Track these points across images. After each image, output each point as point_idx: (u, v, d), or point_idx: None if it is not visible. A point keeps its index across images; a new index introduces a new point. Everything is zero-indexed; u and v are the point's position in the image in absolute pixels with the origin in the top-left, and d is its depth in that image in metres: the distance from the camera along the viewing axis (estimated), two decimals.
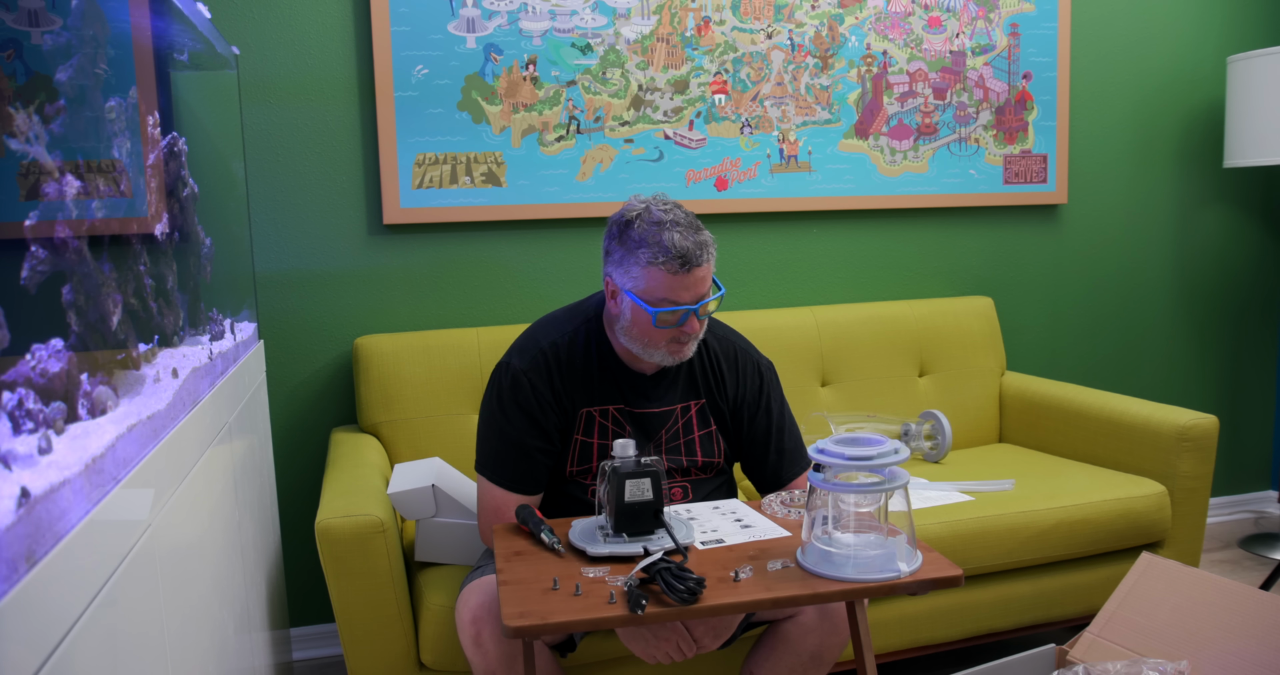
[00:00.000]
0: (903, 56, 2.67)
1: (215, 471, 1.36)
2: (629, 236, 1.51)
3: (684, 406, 1.66)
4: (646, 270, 1.49)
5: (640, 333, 1.54)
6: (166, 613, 1.00)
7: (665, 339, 1.54)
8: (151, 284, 1.20)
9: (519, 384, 1.59)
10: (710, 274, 1.54)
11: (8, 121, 0.83)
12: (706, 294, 1.53)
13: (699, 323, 1.54)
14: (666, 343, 1.54)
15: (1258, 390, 3.23)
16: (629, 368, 1.63)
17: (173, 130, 1.45)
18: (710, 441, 1.67)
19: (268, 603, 1.79)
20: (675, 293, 1.49)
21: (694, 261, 1.48)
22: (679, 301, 1.50)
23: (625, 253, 1.52)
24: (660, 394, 1.65)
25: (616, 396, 1.63)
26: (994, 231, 2.85)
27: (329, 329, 2.34)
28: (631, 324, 1.55)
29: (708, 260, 1.51)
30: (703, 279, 1.51)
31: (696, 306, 1.51)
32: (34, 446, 0.77)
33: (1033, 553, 2.04)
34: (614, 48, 2.44)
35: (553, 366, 1.60)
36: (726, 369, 1.69)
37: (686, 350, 1.57)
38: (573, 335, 1.63)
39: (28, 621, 0.65)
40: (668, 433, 1.65)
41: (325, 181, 2.31)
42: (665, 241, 1.47)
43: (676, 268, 1.48)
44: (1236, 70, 2.79)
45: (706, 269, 1.52)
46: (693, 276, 1.49)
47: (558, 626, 1.18)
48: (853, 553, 1.28)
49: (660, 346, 1.55)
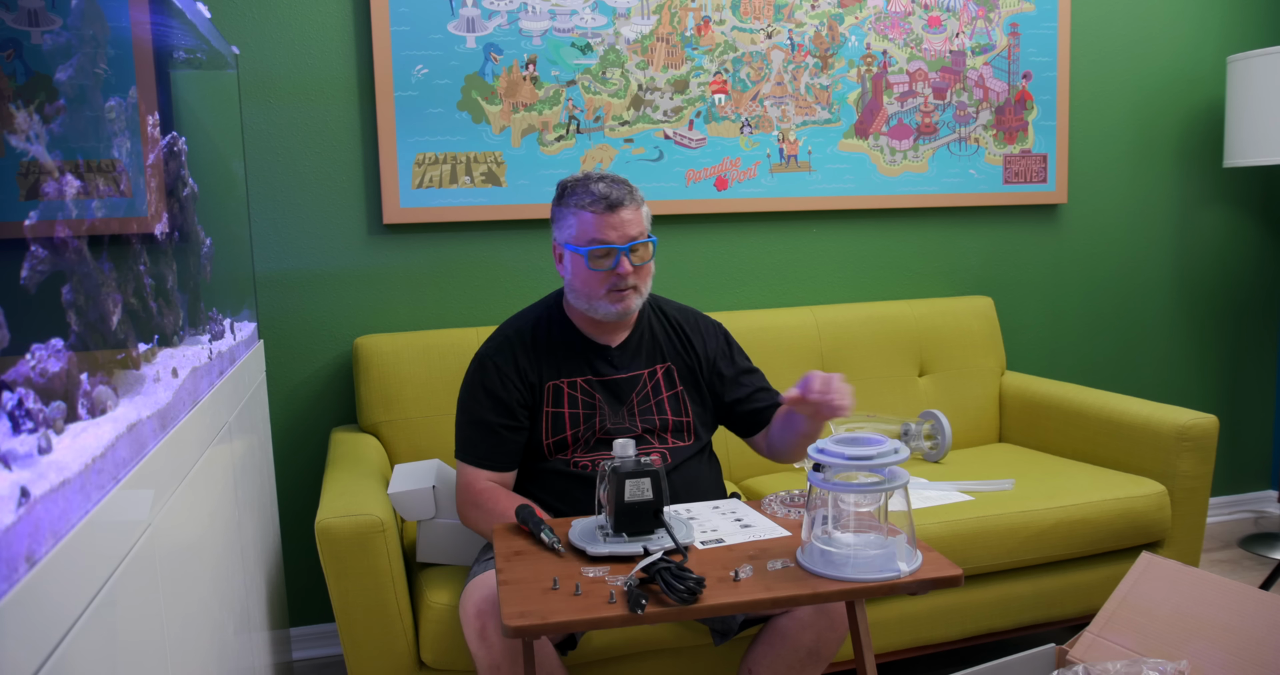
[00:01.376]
0: (903, 56, 2.67)
1: (215, 471, 1.36)
2: (563, 195, 1.67)
3: (650, 370, 1.76)
4: (576, 216, 1.63)
5: (581, 285, 1.65)
6: (166, 613, 1.00)
7: (603, 287, 1.64)
8: (151, 284, 1.20)
9: (484, 367, 1.71)
10: (639, 221, 1.65)
11: (8, 121, 0.83)
12: (637, 237, 1.64)
13: (631, 267, 1.63)
14: (606, 292, 1.64)
15: (1258, 390, 3.23)
16: (594, 341, 1.74)
17: (173, 130, 1.44)
18: (678, 402, 1.76)
19: (268, 603, 1.79)
20: (604, 231, 1.61)
21: (618, 201, 1.61)
22: (608, 240, 1.61)
23: (560, 209, 1.67)
24: (626, 362, 1.74)
25: (584, 368, 1.72)
26: (994, 231, 2.85)
27: (329, 329, 2.34)
28: (573, 277, 1.67)
29: (633, 204, 1.64)
30: (629, 221, 1.63)
31: (626, 247, 1.62)
32: (34, 446, 0.77)
33: (1032, 552, 2.04)
34: (614, 47, 2.44)
35: (516, 347, 1.72)
36: (690, 331, 1.81)
37: (629, 300, 1.66)
38: (535, 319, 1.76)
39: (28, 621, 0.65)
40: (638, 397, 1.73)
41: (325, 181, 2.31)
42: (592, 188, 1.63)
43: (601, 209, 1.61)
44: (1236, 70, 2.79)
45: (634, 212, 1.64)
46: (618, 217, 1.61)
47: (558, 626, 1.18)
48: (853, 553, 1.28)
49: (601, 295, 1.65)
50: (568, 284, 1.70)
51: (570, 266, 1.67)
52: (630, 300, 1.66)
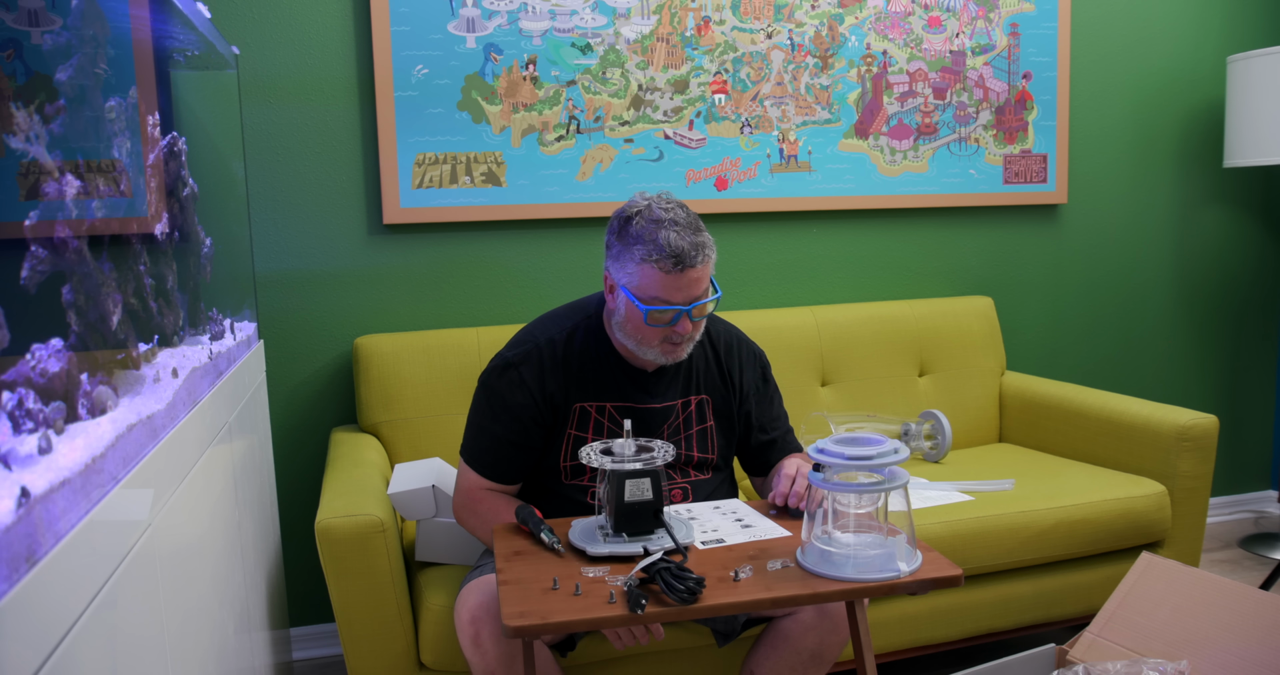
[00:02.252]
0: (903, 56, 2.67)
1: (215, 471, 1.36)
2: (627, 232, 1.50)
3: (684, 402, 1.67)
4: (641, 267, 1.48)
5: (634, 330, 1.54)
6: (166, 613, 1.00)
7: (658, 338, 1.53)
8: (151, 284, 1.20)
9: (509, 377, 1.60)
10: (707, 276, 1.52)
11: (8, 121, 0.83)
12: (701, 296, 1.51)
13: (691, 324, 1.52)
14: (660, 342, 1.54)
15: (1258, 390, 3.23)
16: (629, 364, 1.63)
17: (173, 130, 1.44)
18: (706, 437, 1.68)
19: (268, 603, 1.79)
20: (668, 292, 1.48)
21: (688, 262, 1.47)
22: (671, 301, 1.49)
23: (623, 248, 1.51)
24: (662, 390, 1.65)
25: (615, 393, 1.62)
26: (994, 231, 2.85)
27: (329, 329, 2.34)
28: (625, 320, 1.54)
29: (703, 262, 1.49)
30: (697, 280, 1.49)
31: (689, 308, 1.49)
32: (34, 446, 0.77)
33: (1033, 553, 2.04)
34: (614, 47, 2.44)
35: (545, 362, 1.60)
36: (728, 362, 1.70)
37: (680, 351, 1.56)
38: (570, 332, 1.63)
39: (28, 621, 0.65)
40: (669, 428, 1.65)
41: (325, 181, 2.31)
42: (661, 240, 1.46)
43: (670, 267, 1.46)
44: (1236, 70, 2.79)
45: (702, 271, 1.50)
46: (686, 277, 1.48)
47: (557, 626, 1.18)
48: (852, 553, 1.28)
49: (654, 345, 1.54)
50: (617, 320, 1.57)
51: (623, 308, 1.53)
52: (683, 351, 1.56)
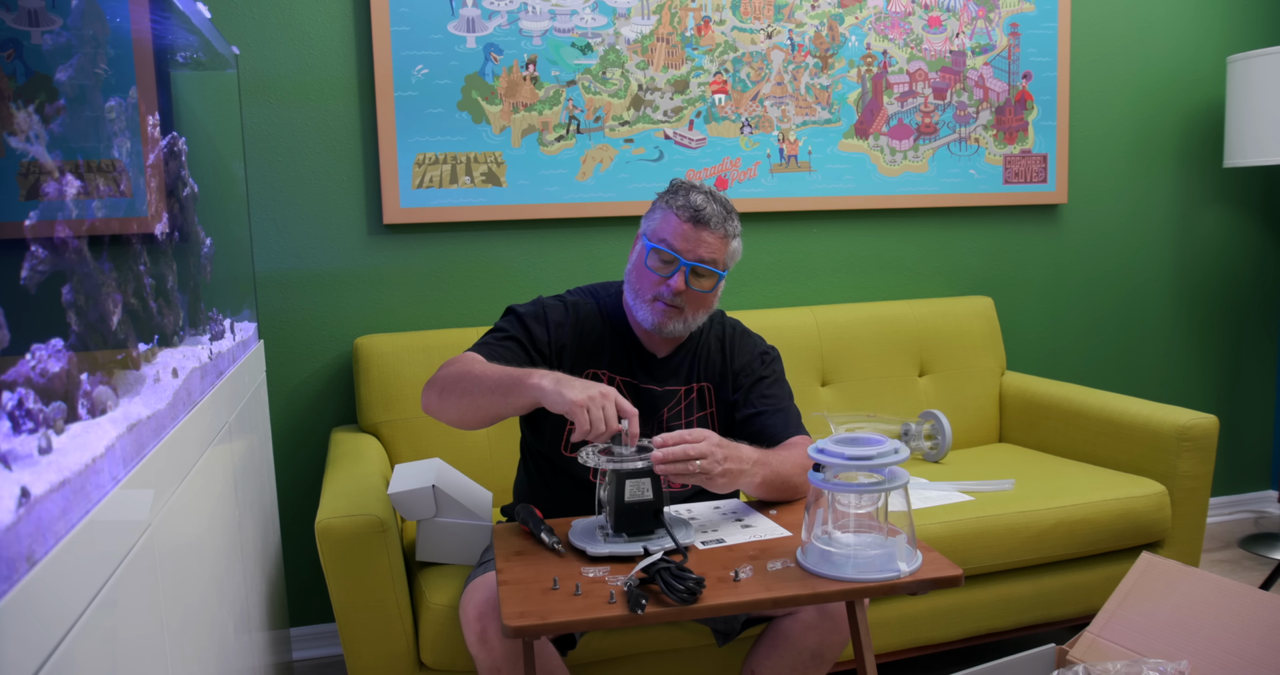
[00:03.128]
0: (903, 56, 2.67)
1: (215, 471, 1.36)
2: (669, 190, 1.63)
3: (688, 388, 1.70)
4: (664, 213, 1.60)
5: (636, 276, 1.62)
6: (166, 613, 1.00)
7: (652, 291, 1.59)
8: (151, 284, 1.20)
9: (533, 310, 1.66)
10: (719, 248, 1.58)
11: (8, 121, 0.83)
12: (706, 261, 1.57)
13: (686, 287, 1.57)
14: (652, 298, 1.59)
15: (1258, 390, 3.23)
16: (643, 346, 1.69)
17: (173, 130, 1.44)
18: (706, 424, 1.70)
19: (268, 603, 1.79)
20: (677, 239, 1.56)
21: (705, 220, 1.56)
22: (676, 248, 1.56)
23: (658, 203, 1.63)
24: (667, 376, 1.69)
25: (625, 369, 1.67)
26: (994, 231, 2.85)
27: (329, 329, 2.34)
28: (633, 267, 1.63)
29: (720, 230, 1.58)
30: (708, 243, 1.57)
31: (689, 264, 1.56)
32: (34, 446, 0.77)
33: (1033, 553, 2.04)
34: (614, 48, 2.44)
35: (570, 321, 1.66)
36: (727, 349, 1.74)
37: (669, 319, 1.59)
38: (599, 304, 1.71)
39: (28, 621, 0.65)
40: (670, 412, 1.68)
41: (325, 181, 2.31)
42: (692, 197, 1.59)
43: (687, 216, 1.56)
44: (1236, 70, 2.79)
45: (717, 238, 1.57)
46: (699, 234, 1.56)
47: (557, 626, 1.18)
48: (853, 553, 1.28)
49: (647, 299, 1.59)
50: (628, 270, 1.65)
51: (635, 254, 1.64)
52: (670, 320, 1.59)
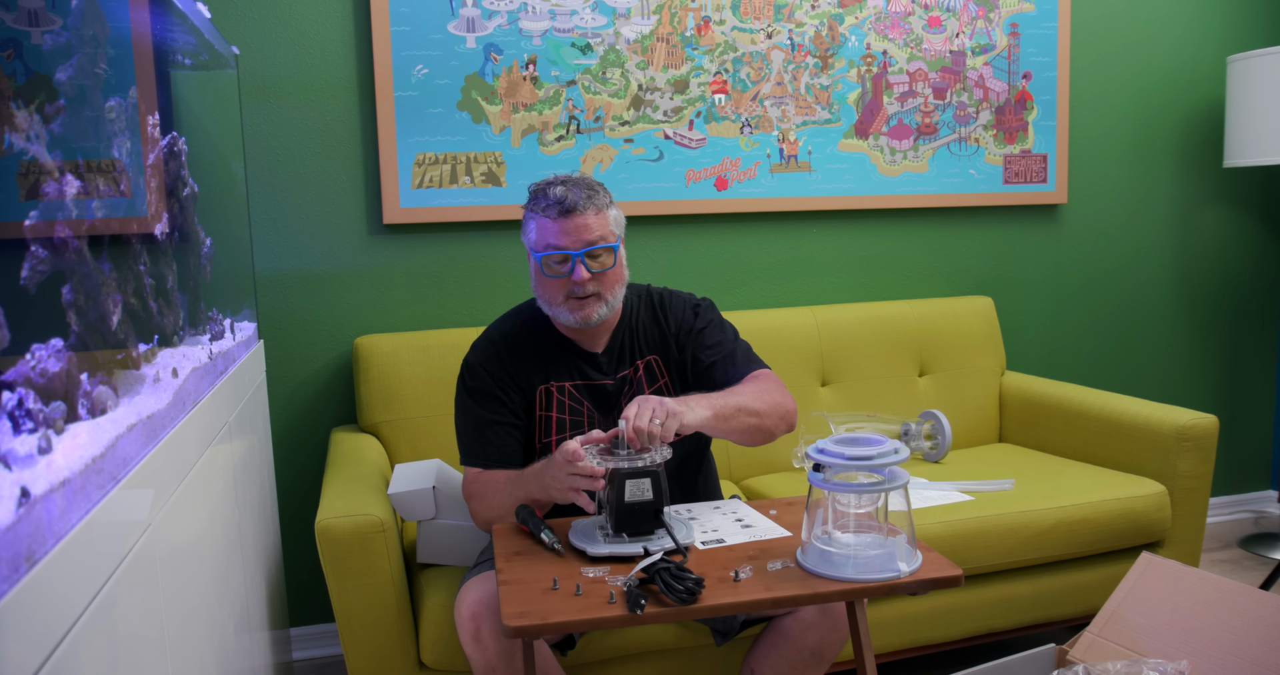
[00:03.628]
0: (903, 56, 2.67)
1: (215, 471, 1.36)
2: (529, 199, 1.61)
3: (634, 369, 1.69)
4: (535, 221, 1.58)
5: (542, 290, 1.61)
6: (166, 613, 1.00)
7: (561, 293, 1.58)
8: (151, 284, 1.20)
9: (475, 373, 1.66)
10: (600, 225, 1.57)
11: (8, 121, 0.83)
12: (596, 243, 1.56)
13: (589, 275, 1.56)
14: (565, 299, 1.58)
15: (1258, 390, 3.23)
16: (579, 346, 1.68)
17: (173, 130, 1.44)
18: (662, 393, 1.68)
19: (268, 603, 1.79)
20: (557, 237, 1.55)
21: (572, 206, 1.54)
22: (561, 246, 1.55)
23: (525, 217, 1.62)
24: (612, 366, 1.69)
25: (571, 372, 1.67)
26: (994, 231, 2.85)
27: (329, 329, 2.34)
28: (536, 284, 1.62)
29: (590, 208, 1.56)
30: (585, 226, 1.55)
31: (581, 252, 1.54)
32: (34, 446, 0.77)
33: (1033, 553, 2.04)
34: (614, 47, 2.44)
35: (503, 352, 1.66)
36: (660, 315, 1.72)
37: (590, 309, 1.59)
38: (520, 323, 1.71)
39: (28, 621, 0.65)
40: (626, 398, 1.68)
41: (325, 181, 2.31)
42: (550, 193, 1.56)
43: (555, 214, 1.54)
44: (1236, 70, 2.79)
45: (590, 218, 1.55)
46: (572, 222, 1.54)
47: (557, 626, 1.18)
48: (853, 553, 1.28)
49: (560, 302, 1.59)
50: (532, 287, 1.65)
51: (533, 272, 1.62)
52: (591, 309, 1.59)
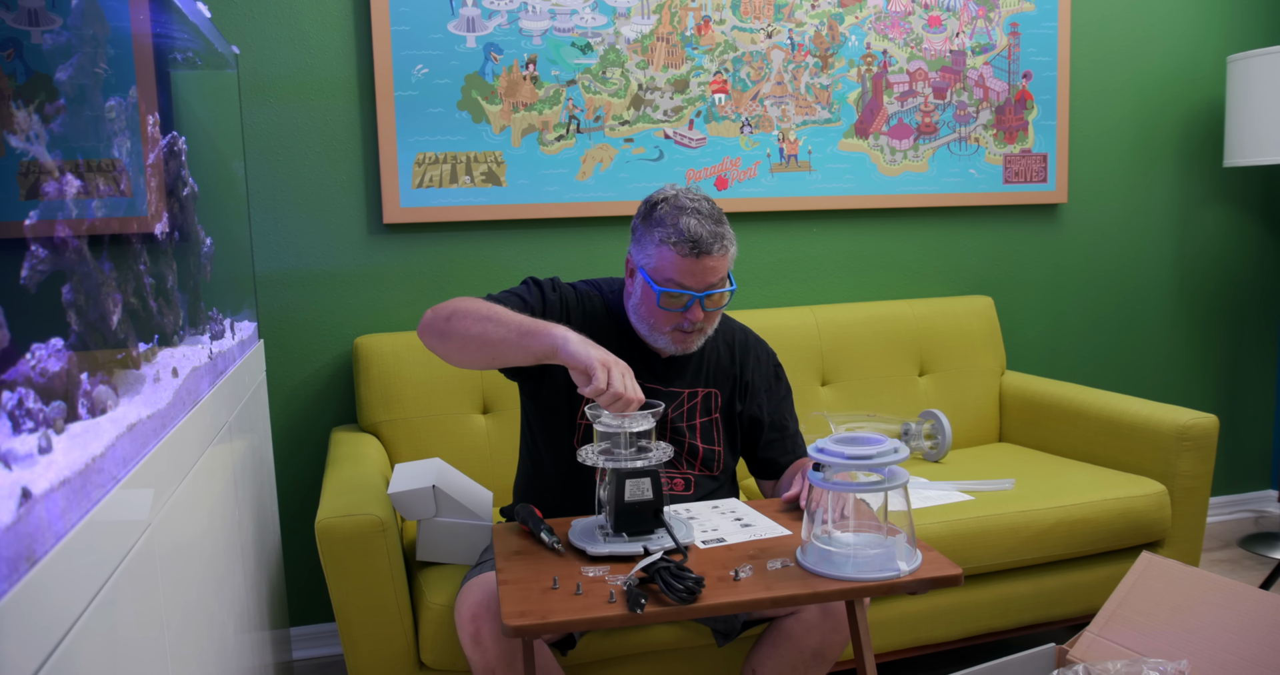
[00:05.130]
0: (903, 56, 2.67)
1: (215, 471, 1.36)
2: (652, 216, 1.55)
3: (692, 392, 1.67)
4: (659, 249, 1.52)
5: (647, 313, 1.57)
6: (166, 613, 1.00)
7: (669, 325, 1.56)
8: (151, 283, 1.20)
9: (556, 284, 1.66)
10: (724, 267, 1.54)
11: (8, 121, 0.83)
12: (717, 285, 1.54)
13: (704, 313, 1.55)
14: (671, 330, 1.56)
15: (1258, 390, 3.23)
16: (648, 346, 1.65)
17: (173, 130, 1.44)
18: (711, 430, 1.68)
19: (268, 602, 1.79)
20: (683, 276, 1.51)
21: (705, 249, 1.50)
22: (685, 285, 1.52)
23: (645, 231, 1.55)
24: (672, 377, 1.66)
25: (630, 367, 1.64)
26: (994, 231, 2.85)
27: (329, 329, 2.34)
28: (640, 303, 1.58)
29: (720, 252, 1.52)
30: (713, 269, 1.52)
31: (703, 294, 1.52)
32: (34, 446, 0.77)
33: (1033, 552, 2.04)
34: (614, 47, 2.44)
35: (579, 310, 1.64)
36: (741, 353, 1.72)
37: (691, 342, 1.58)
38: (605, 299, 1.67)
39: (28, 621, 0.65)
40: (673, 413, 1.65)
41: (325, 181, 2.31)
42: (682, 225, 1.51)
43: (687, 251, 1.50)
44: (1236, 70, 2.79)
45: (719, 261, 1.52)
46: (702, 264, 1.51)
47: (557, 626, 1.18)
48: (852, 552, 1.28)
49: (665, 332, 1.57)
50: (633, 303, 1.60)
51: (640, 292, 1.57)
52: (693, 342, 1.58)
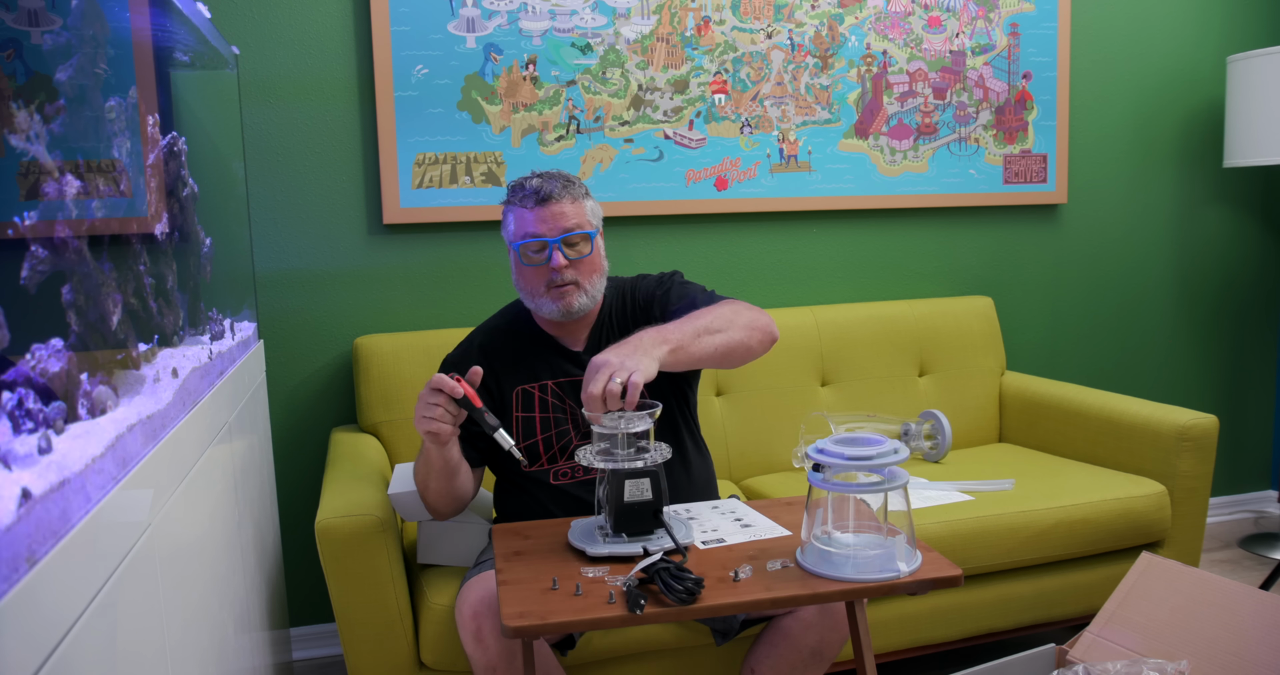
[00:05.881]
0: (903, 56, 2.67)
1: (215, 471, 1.36)
2: (506, 199, 1.66)
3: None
4: (514, 212, 1.63)
5: (523, 282, 1.65)
6: (166, 613, 1.00)
7: (542, 283, 1.62)
8: (151, 284, 1.20)
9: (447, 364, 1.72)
10: (577, 214, 1.61)
11: (8, 121, 0.83)
12: (571, 229, 1.60)
13: (566, 260, 1.60)
14: (546, 289, 1.62)
15: (1258, 390, 3.23)
16: (561, 344, 1.71)
17: (173, 130, 1.44)
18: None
19: (268, 603, 1.79)
20: (535, 225, 1.60)
21: (549, 196, 1.60)
22: (538, 234, 1.60)
23: (505, 212, 1.66)
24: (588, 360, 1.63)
25: (553, 370, 1.69)
26: (994, 231, 2.85)
27: (329, 329, 2.34)
28: (517, 276, 1.66)
29: (564, 197, 1.61)
30: (561, 214, 1.60)
31: (557, 239, 1.59)
32: (34, 446, 0.77)
33: (1033, 553, 2.04)
34: (614, 47, 2.44)
35: (478, 356, 1.69)
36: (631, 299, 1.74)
37: (571, 298, 1.62)
38: (502, 325, 1.75)
39: (28, 621, 0.65)
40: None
41: (325, 181, 2.31)
42: (526, 185, 1.63)
43: (531, 203, 1.60)
44: (1236, 70, 2.79)
45: (566, 206, 1.60)
46: (549, 210, 1.59)
47: (557, 626, 1.18)
48: (852, 553, 1.28)
49: (542, 293, 1.62)
50: (514, 282, 1.68)
51: (513, 265, 1.66)
52: (572, 298, 1.62)
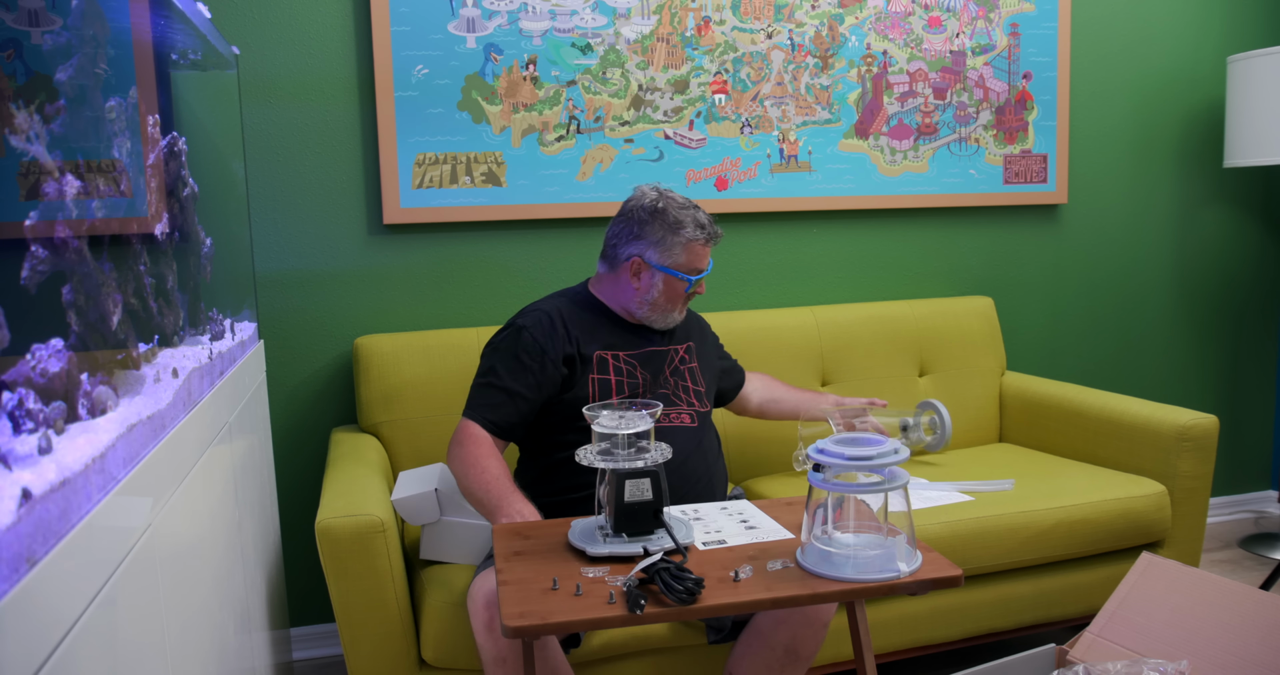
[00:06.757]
0: (903, 56, 2.67)
1: (215, 471, 1.36)
2: (666, 221, 1.78)
3: (675, 347, 1.91)
4: (688, 247, 1.79)
5: (667, 300, 1.82)
6: (166, 613, 1.00)
7: (681, 300, 1.84)
8: (151, 284, 1.20)
9: (522, 338, 1.77)
10: None
11: (8, 121, 0.83)
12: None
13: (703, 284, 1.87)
14: (681, 304, 1.85)
15: (1258, 390, 3.23)
16: (628, 322, 1.87)
17: (173, 130, 1.44)
18: (696, 374, 1.92)
19: (268, 603, 1.79)
20: (702, 261, 1.82)
21: (715, 236, 1.82)
22: (702, 269, 1.83)
23: (666, 233, 1.78)
24: (658, 339, 1.89)
25: (623, 343, 1.85)
26: (994, 231, 2.85)
27: (329, 329, 2.34)
28: (661, 294, 1.81)
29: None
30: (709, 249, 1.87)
31: (709, 271, 1.84)
32: (34, 446, 0.77)
33: (1033, 553, 2.04)
34: (614, 48, 2.44)
35: (556, 322, 1.80)
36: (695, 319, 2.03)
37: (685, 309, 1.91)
38: (572, 302, 1.87)
39: (28, 621, 0.65)
40: (669, 367, 1.87)
41: (325, 181, 2.31)
42: (699, 221, 1.80)
43: (704, 240, 1.80)
44: (1236, 70, 2.79)
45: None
46: (708, 248, 1.83)
47: (557, 627, 1.18)
48: (852, 553, 1.28)
49: (677, 308, 1.85)
50: (649, 295, 1.81)
51: (661, 284, 1.80)
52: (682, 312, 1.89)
